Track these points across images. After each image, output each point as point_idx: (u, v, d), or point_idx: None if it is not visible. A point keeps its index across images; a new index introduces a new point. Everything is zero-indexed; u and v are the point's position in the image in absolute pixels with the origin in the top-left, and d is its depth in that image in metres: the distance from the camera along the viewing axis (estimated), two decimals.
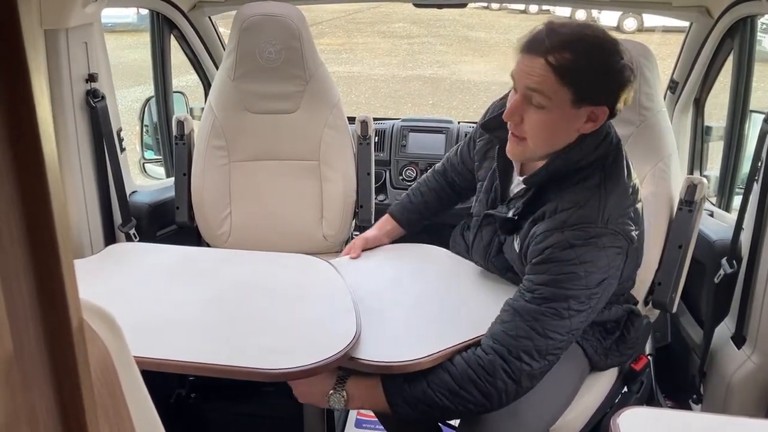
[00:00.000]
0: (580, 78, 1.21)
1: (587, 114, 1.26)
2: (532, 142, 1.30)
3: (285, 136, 2.21)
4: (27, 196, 0.42)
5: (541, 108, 1.24)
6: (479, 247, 1.56)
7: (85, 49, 1.92)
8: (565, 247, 1.24)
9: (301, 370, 1.20)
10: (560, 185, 1.32)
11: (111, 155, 2.04)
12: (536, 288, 1.26)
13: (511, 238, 1.43)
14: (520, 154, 1.35)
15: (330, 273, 1.59)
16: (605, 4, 2.50)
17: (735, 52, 2.14)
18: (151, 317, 1.38)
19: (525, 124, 1.28)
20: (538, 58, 1.21)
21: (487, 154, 1.57)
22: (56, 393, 0.47)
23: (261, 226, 2.22)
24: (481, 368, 1.24)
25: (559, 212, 1.29)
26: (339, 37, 14.10)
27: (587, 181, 1.30)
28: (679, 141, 2.32)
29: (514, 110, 1.28)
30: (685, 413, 1.29)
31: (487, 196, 1.54)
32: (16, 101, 0.41)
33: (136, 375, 0.66)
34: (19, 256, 0.43)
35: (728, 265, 1.79)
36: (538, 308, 1.24)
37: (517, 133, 1.30)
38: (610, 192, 1.30)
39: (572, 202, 1.29)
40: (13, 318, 0.42)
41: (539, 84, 1.22)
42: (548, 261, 1.26)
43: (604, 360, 1.56)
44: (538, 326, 1.24)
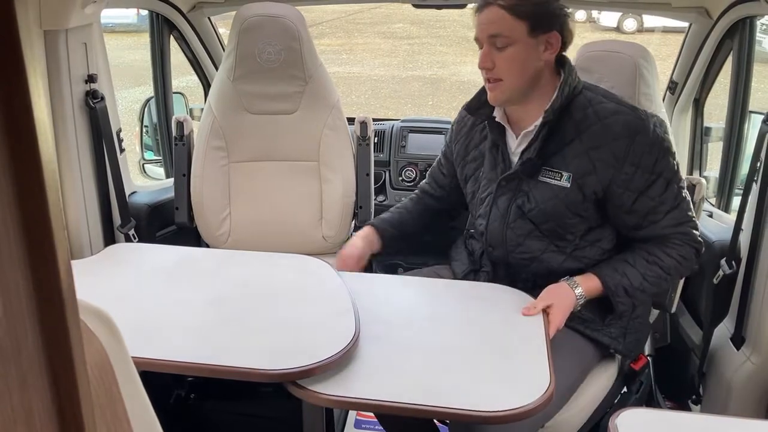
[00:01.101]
0: (529, 9, 1.44)
1: (544, 42, 1.47)
2: (507, 80, 1.48)
3: (284, 136, 2.21)
4: (24, 196, 0.42)
5: (505, 47, 1.45)
6: (497, 217, 1.60)
7: (85, 49, 1.92)
8: (649, 150, 1.45)
9: (301, 371, 1.20)
10: (571, 113, 1.50)
11: (110, 156, 2.04)
12: (663, 199, 1.48)
13: (546, 185, 1.52)
14: (501, 94, 1.51)
15: (329, 274, 1.59)
16: (604, 5, 2.50)
17: (734, 52, 2.14)
18: (151, 318, 1.39)
19: (496, 67, 1.47)
20: (491, 7, 1.45)
21: (469, 146, 1.69)
22: (53, 393, 0.47)
23: (260, 227, 2.22)
24: (680, 256, 1.53)
25: (614, 133, 1.45)
26: (339, 37, 14.10)
27: (594, 101, 1.50)
28: (679, 142, 2.33)
29: (485, 58, 1.48)
30: (684, 414, 1.29)
31: (494, 171, 1.61)
32: (12, 102, 0.41)
33: (133, 375, 0.66)
34: (16, 257, 0.43)
35: (727, 265, 1.80)
36: (678, 210, 1.50)
37: (493, 76, 1.49)
38: (621, 100, 1.53)
39: (611, 115, 1.47)
40: (10, 318, 0.43)
41: (498, 27, 1.44)
42: (648, 172, 1.46)
43: (623, 341, 1.62)
44: (686, 216, 1.52)
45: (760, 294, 1.69)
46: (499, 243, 1.61)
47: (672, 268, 1.53)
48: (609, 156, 1.46)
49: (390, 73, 11.31)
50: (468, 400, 1.16)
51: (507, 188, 1.58)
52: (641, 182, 1.47)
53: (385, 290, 1.60)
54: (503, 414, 1.14)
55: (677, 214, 1.51)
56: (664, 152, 1.47)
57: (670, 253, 1.52)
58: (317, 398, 1.20)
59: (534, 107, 1.52)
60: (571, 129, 1.49)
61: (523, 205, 1.55)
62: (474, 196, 1.67)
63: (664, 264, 1.52)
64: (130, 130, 2.65)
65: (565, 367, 1.47)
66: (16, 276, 0.43)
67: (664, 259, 1.52)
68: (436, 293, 1.57)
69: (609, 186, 1.48)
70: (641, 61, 1.79)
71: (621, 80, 1.80)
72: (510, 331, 1.40)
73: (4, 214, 0.41)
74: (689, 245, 1.53)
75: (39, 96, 0.42)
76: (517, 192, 1.56)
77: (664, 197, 1.49)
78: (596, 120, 1.47)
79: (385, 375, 1.24)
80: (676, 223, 1.51)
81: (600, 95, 1.52)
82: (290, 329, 1.36)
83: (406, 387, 1.21)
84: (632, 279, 1.51)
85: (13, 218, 0.42)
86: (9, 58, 0.40)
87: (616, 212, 1.52)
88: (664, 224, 1.51)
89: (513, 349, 1.33)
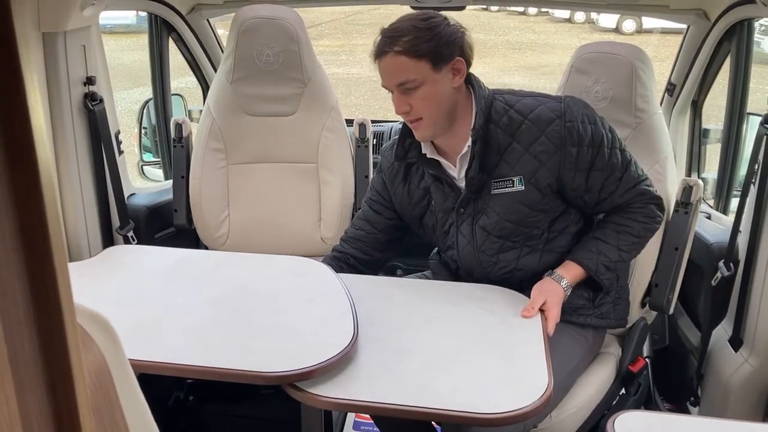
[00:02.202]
0: (424, 47, 1.45)
1: (450, 71, 1.48)
2: (427, 117, 1.50)
3: (283, 138, 2.21)
4: (21, 202, 0.42)
5: (416, 89, 1.47)
6: (465, 245, 1.61)
7: (84, 52, 1.92)
8: (583, 126, 1.49)
9: (300, 373, 1.21)
10: (494, 120, 1.53)
11: (109, 158, 2.04)
12: (610, 168, 1.51)
13: (500, 195, 1.54)
14: (427, 130, 1.53)
15: (328, 275, 1.59)
16: (602, 7, 2.50)
17: (732, 54, 2.14)
18: (149, 319, 1.39)
19: (413, 108, 1.49)
20: (388, 55, 1.47)
21: (411, 189, 1.68)
22: (51, 398, 0.47)
23: (259, 229, 2.22)
24: (646, 217, 1.58)
25: (543, 123, 1.49)
26: (338, 38, 14.10)
27: (510, 102, 1.54)
28: (677, 143, 2.33)
29: (400, 104, 1.49)
30: (683, 417, 1.29)
31: (446, 202, 1.61)
32: (9, 109, 0.41)
33: (131, 379, 0.66)
34: (13, 261, 0.43)
35: (725, 267, 1.80)
36: (628, 173, 1.54)
37: (413, 117, 1.50)
38: (531, 93, 1.57)
39: (532, 109, 1.51)
40: (6, 323, 0.43)
41: (402, 74, 1.46)
42: (590, 146, 1.49)
43: (614, 316, 1.65)
44: (637, 177, 1.56)
45: (758, 296, 1.69)
46: (475, 267, 1.63)
47: (641, 230, 1.58)
48: (548, 146, 1.49)
49: None
50: (466, 402, 1.16)
51: (466, 213, 1.59)
52: (587, 159, 1.50)
53: (382, 291, 1.60)
54: (501, 416, 1.14)
55: (628, 177, 1.54)
56: (592, 122, 1.50)
57: (635, 217, 1.57)
58: (315, 401, 1.20)
59: (461, 130, 1.54)
60: (502, 135, 1.52)
61: (485, 224, 1.57)
62: (435, 229, 1.67)
63: (633, 229, 1.57)
64: (129, 131, 2.65)
65: (558, 364, 1.48)
66: (13, 281, 0.43)
67: (632, 225, 1.57)
68: (433, 294, 1.57)
69: (560, 173, 1.50)
70: (637, 63, 1.79)
71: (617, 82, 1.80)
72: (508, 332, 1.40)
73: (0, 219, 0.42)
74: (650, 203, 1.58)
75: (36, 102, 0.42)
76: (475, 214, 1.58)
77: (611, 164, 1.51)
78: (522, 119, 1.50)
79: (382, 377, 1.24)
80: (630, 186, 1.55)
81: (512, 95, 1.56)
82: (288, 331, 1.36)
83: (403, 389, 1.21)
84: (609, 254, 1.55)
85: (10, 224, 0.42)
86: (6, 64, 0.40)
87: (575, 195, 1.55)
88: (621, 191, 1.55)
89: (511, 351, 1.33)
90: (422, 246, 1.83)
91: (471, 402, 1.16)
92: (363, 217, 1.79)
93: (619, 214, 1.58)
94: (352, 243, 1.78)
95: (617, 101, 1.81)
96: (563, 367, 1.49)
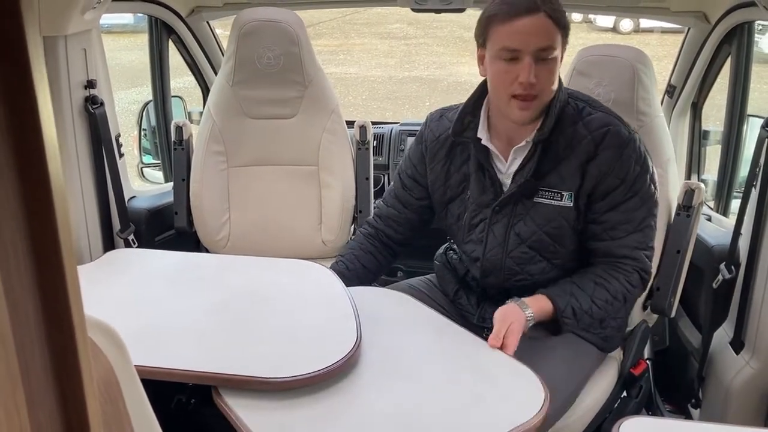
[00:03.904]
0: (564, 18, 1.36)
1: (563, 51, 1.40)
2: (541, 96, 1.39)
3: (284, 141, 2.21)
4: (33, 215, 0.42)
5: (548, 60, 1.35)
6: (494, 246, 1.54)
7: (84, 55, 1.92)
8: (633, 166, 1.42)
9: (302, 379, 1.20)
10: (561, 128, 1.44)
11: (110, 161, 2.04)
12: (631, 217, 1.45)
13: (546, 207, 1.48)
14: (533, 113, 1.41)
15: (329, 279, 1.59)
16: (602, 9, 2.50)
17: (732, 57, 2.15)
18: (150, 324, 1.38)
19: (537, 82, 1.35)
20: (538, 15, 1.33)
21: (451, 170, 1.59)
22: (62, 410, 0.47)
23: (260, 232, 2.22)
24: (627, 281, 1.48)
25: (603, 145, 1.42)
26: (336, 38, 14.09)
27: (583, 111, 1.45)
28: (677, 145, 2.33)
29: (530, 73, 1.34)
30: (687, 423, 1.29)
31: (484, 196, 1.53)
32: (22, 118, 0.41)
33: (138, 389, 0.66)
34: (25, 276, 0.43)
35: (727, 270, 1.80)
36: (641, 234, 1.47)
37: (532, 92, 1.36)
38: (607, 109, 1.49)
39: (601, 127, 1.43)
40: (18, 337, 0.42)
41: (548, 38, 1.34)
42: (628, 187, 1.43)
43: (613, 342, 1.64)
44: (646, 245, 1.49)
45: (760, 298, 1.69)
46: (497, 271, 1.56)
47: (619, 292, 1.48)
48: (596, 168, 1.42)
49: (387, 73, 11.31)
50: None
51: (502, 213, 1.51)
52: (619, 196, 1.44)
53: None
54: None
55: (639, 237, 1.47)
56: (645, 171, 1.45)
57: (617, 277, 1.48)
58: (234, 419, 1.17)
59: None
60: (564, 145, 1.44)
61: (521, 231, 1.50)
62: (459, 218, 1.59)
63: (611, 286, 1.48)
64: (127, 132, 2.64)
65: (566, 374, 1.48)
66: (26, 294, 0.43)
67: (612, 282, 1.48)
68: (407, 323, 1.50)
69: (591, 195, 1.45)
70: (639, 66, 1.79)
71: (619, 84, 1.80)
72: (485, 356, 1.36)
73: (12, 232, 0.41)
74: (638, 272, 1.49)
75: (48, 113, 0.42)
76: (512, 217, 1.51)
77: (634, 216, 1.45)
78: (587, 133, 1.43)
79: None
80: (634, 245, 1.47)
81: (586, 103, 1.48)
82: (291, 336, 1.35)
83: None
84: (581, 300, 1.46)
85: (21, 235, 0.42)
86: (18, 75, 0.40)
87: (585, 219, 1.49)
88: (622, 243, 1.47)
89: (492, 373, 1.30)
90: (424, 248, 1.83)
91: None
92: (394, 194, 1.72)
93: (602, 267, 1.50)
94: (385, 221, 1.73)
95: (619, 104, 1.81)
96: (571, 379, 1.49)
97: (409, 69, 11.70)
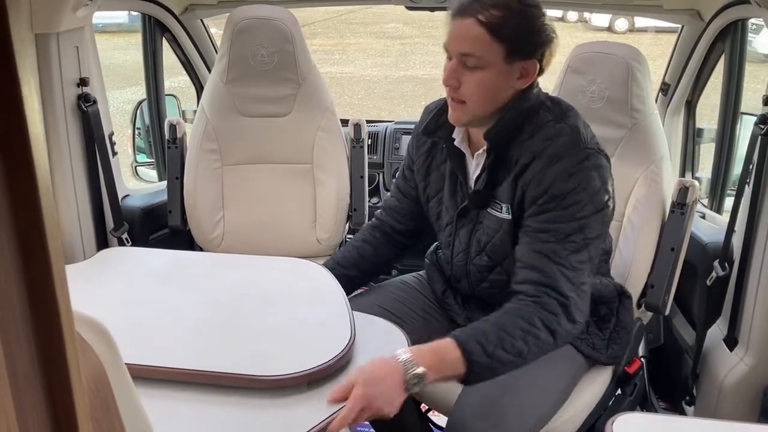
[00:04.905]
0: (509, 33, 1.28)
1: (519, 70, 1.33)
2: (471, 104, 1.34)
3: (278, 139, 2.21)
4: (18, 209, 0.42)
5: (477, 69, 1.31)
6: (459, 251, 1.52)
7: (77, 53, 1.91)
8: (564, 179, 1.30)
9: (296, 376, 1.20)
10: (519, 139, 1.37)
11: (103, 159, 2.03)
12: (551, 227, 1.32)
13: (493, 217, 1.42)
14: (461, 117, 1.38)
15: (324, 277, 1.58)
16: (596, 7, 2.51)
17: (726, 54, 2.15)
18: (144, 323, 1.38)
19: (463, 87, 1.33)
20: (469, 19, 1.29)
21: (431, 167, 1.57)
22: (49, 408, 0.47)
23: (254, 230, 2.21)
24: (542, 308, 1.29)
25: (540, 153, 1.33)
26: (331, 37, 14.08)
27: (544, 125, 1.36)
28: (671, 143, 2.34)
29: (451, 74, 1.32)
30: (681, 419, 1.30)
31: (453, 199, 1.52)
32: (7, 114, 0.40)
33: (129, 386, 0.66)
34: (11, 270, 0.42)
35: (720, 267, 1.80)
36: (560, 246, 1.31)
37: (456, 97, 1.35)
38: (573, 120, 1.37)
39: (547, 139, 1.34)
40: (5, 333, 0.42)
41: (472, 46, 1.29)
42: (553, 198, 1.31)
43: (606, 353, 1.56)
44: (565, 262, 1.30)
45: (753, 295, 1.70)
46: (463, 277, 1.55)
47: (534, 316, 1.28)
48: (526, 178, 1.34)
49: (383, 73, 11.31)
50: None
51: (466, 219, 1.49)
52: (544, 205, 1.32)
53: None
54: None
55: (557, 248, 1.30)
56: (583, 189, 1.30)
57: (527, 302, 1.31)
58: None
59: None
60: (515, 157, 1.37)
61: (481, 239, 1.47)
62: (439, 216, 1.57)
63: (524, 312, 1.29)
64: (120, 131, 2.63)
65: (557, 372, 1.47)
66: (11, 290, 0.43)
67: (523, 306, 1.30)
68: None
69: (521, 205, 1.37)
70: (634, 63, 1.79)
71: (613, 82, 1.80)
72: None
73: None
74: (549, 294, 1.30)
75: (34, 110, 0.42)
76: (475, 223, 1.47)
77: (557, 228, 1.31)
78: (534, 146, 1.34)
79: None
80: (550, 256, 1.30)
81: (553, 116, 1.37)
82: (284, 334, 1.35)
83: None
84: (488, 333, 1.26)
85: (8, 232, 0.42)
86: (2, 70, 0.40)
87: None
88: (536, 249, 1.32)
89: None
90: (422, 245, 1.83)
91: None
92: (396, 184, 1.71)
93: (515, 297, 1.34)
94: (387, 211, 1.71)
95: (613, 101, 1.81)
96: (559, 382, 1.47)
97: (405, 68, 11.70)
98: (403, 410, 1.72)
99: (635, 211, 1.80)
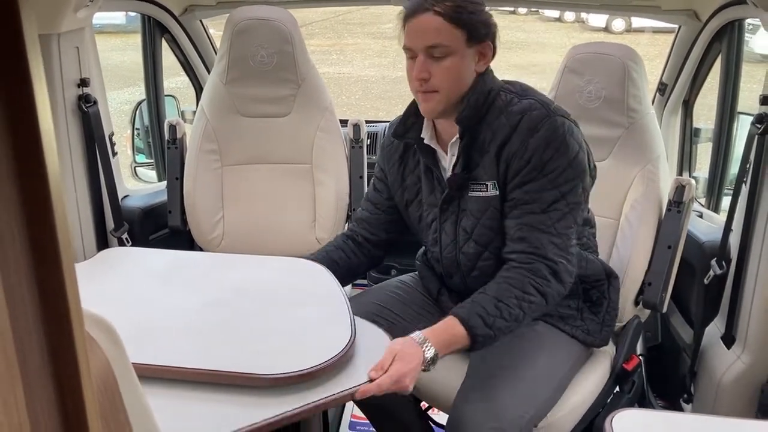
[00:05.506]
0: (465, 18, 1.39)
1: (478, 52, 1.43)
2: (443, 92, 1.42)
3: (277, 139, 2.21)
4: (32, 210, 0.43)
5: (444, 57, 1.40)
6: (447, 244, 1.55)
7: (77, 53, 1.92)
8: (543, 147, 1.39)
9: (296, 375, 1.21)
10: (487, 120, 1.45)
11: (103, 160, 2.04)
12: (536, 197, 1.40)
13: (477, 199, 1.47)
14: (436, 106, 1.45)
15: (323, 276, 1.59)
16: (594, 8, 2.52)
17: (723, 54, 2.16)
18: (144, 322, 1.38)
19: (433, 78, 1.41)
20: (426, 14, 1.38)
21: (405, 173, 1.62)
22: (59, 403, 0.48)
23: (254, 230, 2.22)
24: (532, 274, 1.40)
25: (516, 126, 1.42)
26: (329, 38, 14.08)
27: (510, 102, 1.45)
28: (668, 142, 2.35)
29: (422, 68, 1.41)
30: (679, 415, 1.31)
31: (433, 196, 1.56)
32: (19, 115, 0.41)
33: (135, 383, 0.66)
34: (24, 270, 0.43)
35: (718, 266, 1.81)
36: (546, 216, 1.40)
37: (428, 88, 1.42)
38: (537, 95, 1.48)
39: (520, 112, 1.43)
40: (17, 331, 0.43)
41: (437, 36, 1.38)
42: (535, 168, 1.40)
43: (599, 335, 1.60)
44: (552, 230, 1.40)
45: (750, 293, 1.71)
46: (455, 270, 1.57)
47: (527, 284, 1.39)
48: (507, 152, 1.42)
49: (380, 73, 11.32)
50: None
51: (450, 211, 1.53)
52: (526, 176, 1.40)
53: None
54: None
55: (542, 219, 1.40)
56: (562, 155, 1.39)
57: (518, 269, 1.41)
58: None
59: None
60: (490, 137, 1.44)
61: (466, 226, 1.51)
62: (421, 219, 1.61)
63: (514, 281, 1.39)
64: (121, 132, 2.64)
65: (555, 361, 1.49)
66: (24, 289, 0.43)
67: (513, 276, 1.40)
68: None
69: (506, 179, 1.44)
70: (630, 63, 1.80)
71: (610, 82, 1.82)
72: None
73: (10, 226, 0.42)
74: (539, 261, 1.40)
75: (45, 108, 0.42)
76: (459, 212, 1.52)
77: (540, 197, 1.40)
78: (506, 122, 1.43)
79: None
80: (536, 226, 1.40)
81: (515, 94, 1.46)
82: (285, 333, 1.36)
83: None
84: (485, 305, 1.36)
85: (19, 230, 0.43)
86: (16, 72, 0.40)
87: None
88: (523, 222, 1.41)
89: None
90: (417, 245, 1.84)
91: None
92: (368, 196, 1.75)
93: (505, 267, 1.43)
94: (359, 223, 1.73)
95: (610, 101, 1.82)
96: (556, 372, 1.49)
97: (403, 69, 11.64)
98: (403, 409, 1.75)
99: (632, 209, 1.81)
